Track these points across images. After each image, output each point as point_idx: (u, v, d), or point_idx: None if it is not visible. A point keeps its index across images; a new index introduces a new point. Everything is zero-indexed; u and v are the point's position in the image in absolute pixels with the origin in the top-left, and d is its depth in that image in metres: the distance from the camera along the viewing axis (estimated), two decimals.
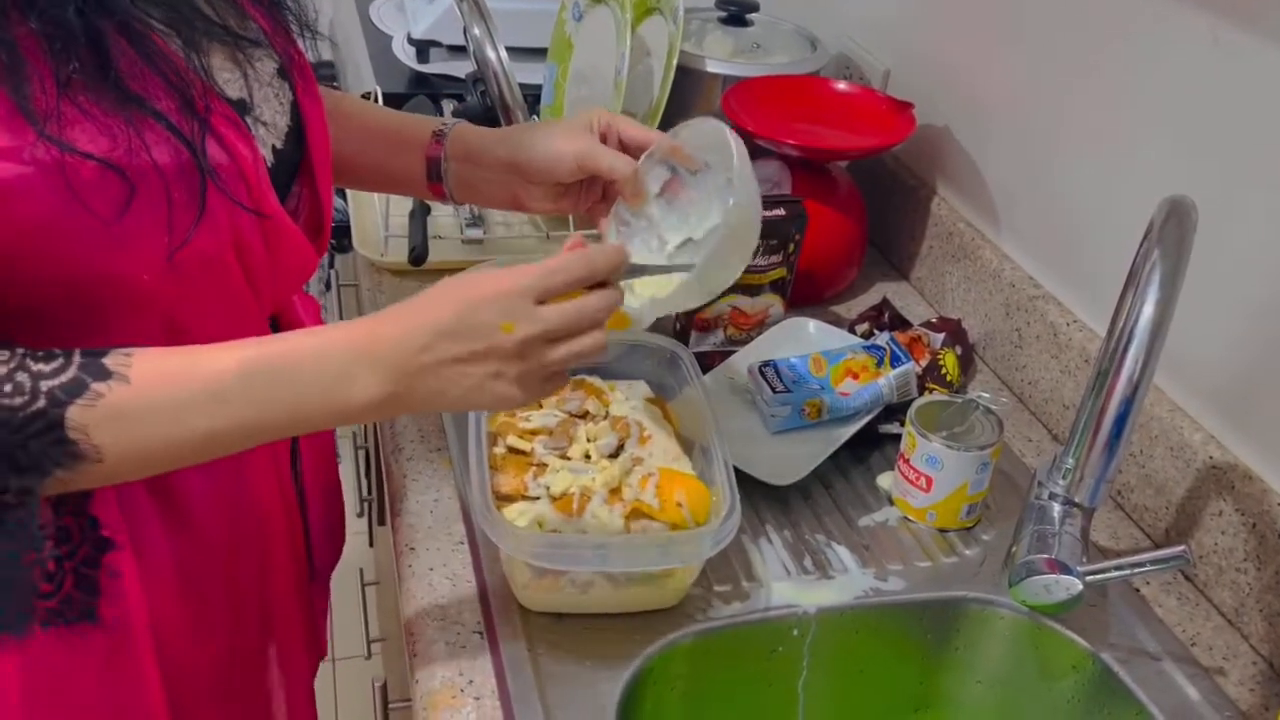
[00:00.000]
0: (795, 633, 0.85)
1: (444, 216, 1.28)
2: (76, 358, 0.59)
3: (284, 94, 0.74)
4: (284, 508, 0.82)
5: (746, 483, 0.91)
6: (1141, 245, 0.71)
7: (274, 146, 0.72)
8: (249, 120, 0.68)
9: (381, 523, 1.30)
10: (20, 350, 0.58)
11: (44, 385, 0.57)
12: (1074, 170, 1.04)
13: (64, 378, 0.58)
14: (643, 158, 0.85)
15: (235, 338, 0.67)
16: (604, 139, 0.86)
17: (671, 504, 0.83)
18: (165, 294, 0.64)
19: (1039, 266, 1.10)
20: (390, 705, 0.99)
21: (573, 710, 0.75)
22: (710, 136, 0.82)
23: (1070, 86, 1.03)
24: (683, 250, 0.85)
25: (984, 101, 1.17)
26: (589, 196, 0.89)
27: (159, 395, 0.60)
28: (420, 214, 1.22)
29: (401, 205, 1.26)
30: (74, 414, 0.58)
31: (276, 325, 0.80)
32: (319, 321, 0.93)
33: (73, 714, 0.71)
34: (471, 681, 0.76)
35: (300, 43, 0.77)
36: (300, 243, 0.73)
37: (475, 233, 1.25)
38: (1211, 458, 0.87)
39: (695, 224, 0.85)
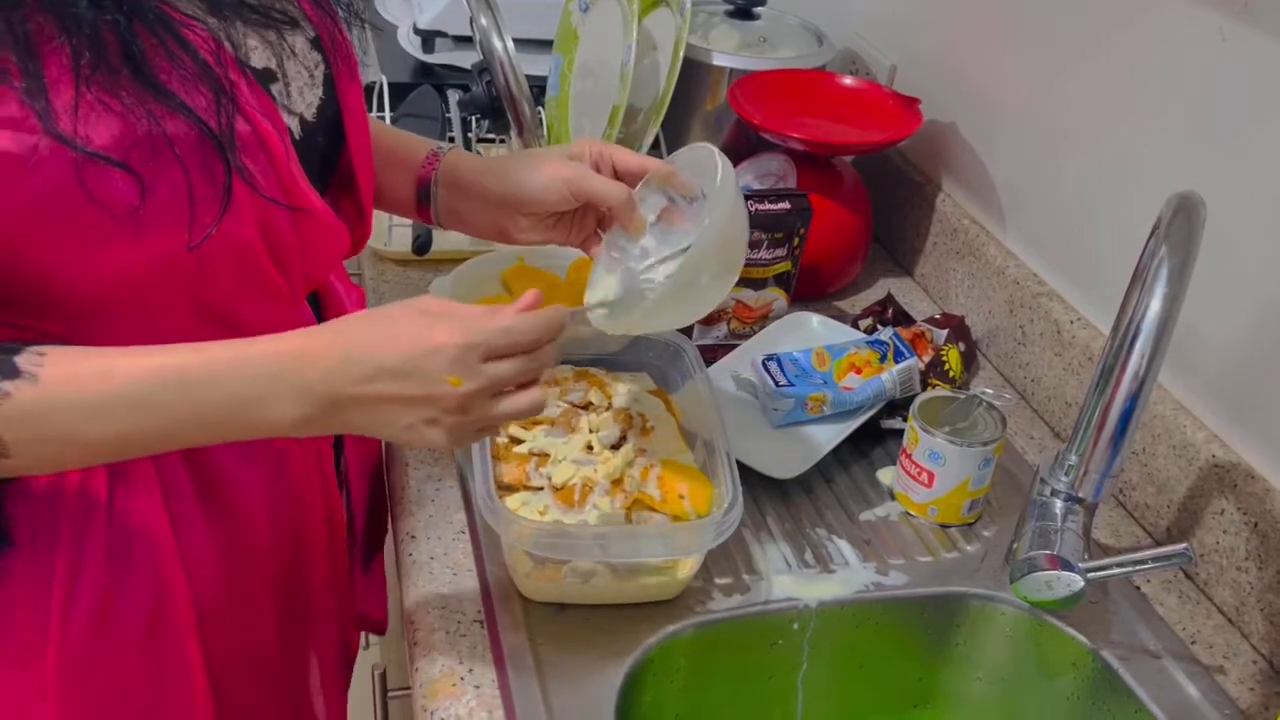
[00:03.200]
0: (795, 626, 0.85)
1: None
2: None
3: (317, 68, 0.73)
4: (324, 497, 0.82)
5: (749, 476, 0.91)
6: (1149, 241, 0.71)
7: (302, 118, 0.71)
8: (274, 91, 0.67)
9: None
10: None
11: None
12: (1080, 168, 1.04)
13: None
14: (639, 185, 0.81)
15: (272, 317, 0.66)
16: (597, 169, 0.81)
17: (674, 496, 0.83)
18: (191, 280, 0.64)
19: (1043, 264, 1.10)
20: (390, 693, 0.99)
21: (572, 700, 0.75)
22: (703, 161, 0.78)
23: (1077, 83, 1.03)
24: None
25: (990, 98, 1.17)
26: (582, 228, 0.84)
27: (66, 398, 0.59)
28: None
29: None
30: None
31: (316, 304, 0.80)
32: (362, 304, 0.92)
33: (110, 687, 0.71)
34: (471, 670, 0.76)
35: (348, 31, 0.76)
36: (331, 223, 0.71)
37: None
38: (1214, 456, 0.87)
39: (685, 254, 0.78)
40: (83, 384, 0.60)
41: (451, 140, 1.34)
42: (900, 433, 0.95)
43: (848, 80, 1.28)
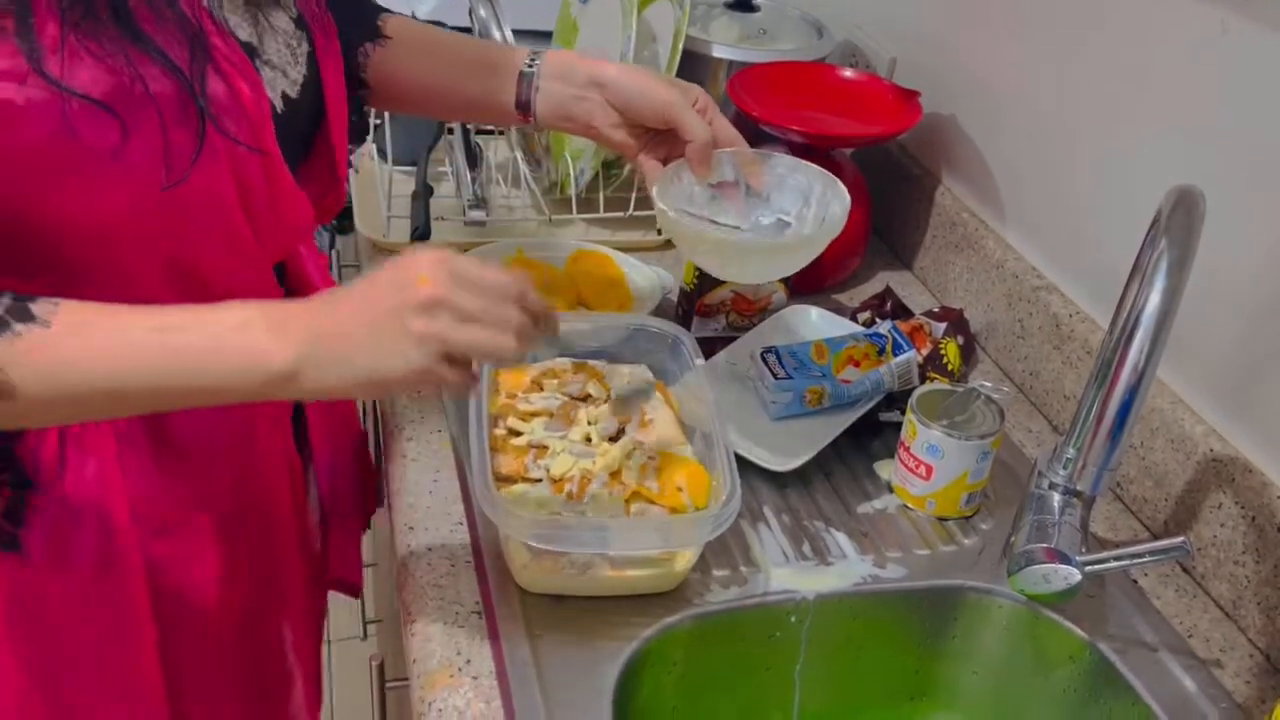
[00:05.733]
0: (793, 618, 0.85)
1: (447, 198, 1.28)
2: (5, 300, 0.60)
3: (300, 46, 0.75)
4: (287, 463, 0.85)
5: (746, 468, 0.91)
6: (1149, 234, 0.71)
7: (284, 94, 0.73)
8: (256, 63, 0.70)
9: (380, 503, 1.30)
10: None
11: None
12: (1079, 161, 1.04)
13: None
14: (722, 151, 0.89)
15: (241, 282, 0.69)
16: (700, 113, 0.88)
17: (671, 488, 0.83)
18: (166, 231, 0.66)
19: (1042, 257, 1.10)
20: (387, 684, 0.99)
21: (570, 691, 0.75)
22: (806, 186, 0.90)
23: (1077, 76, 1.03)
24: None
25: (990, 91, 1.16)
26: (654, 150, 0.91)
27: (72, 345, 0.61)
28: (423, 195, 1.21)
29: (404, 186, 1.26)
30: None
31: (283, 274, 0.83)
32: (327, 278, 0.96)
33: (54, 633, 0.75)
34: (469, 661, 0.76)
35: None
36: (297, 192, 0.74)
37: (478, 214, 1.24)
38: (1212, 450, 0.87)
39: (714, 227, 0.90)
40: (87, 333, 0.62)
41: (451, 132, 1.34)
42: (898, 426, 0.95)
43: (847, 73, 1.28)
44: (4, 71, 0.58)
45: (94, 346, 0.62)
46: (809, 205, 0.91)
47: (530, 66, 0.91)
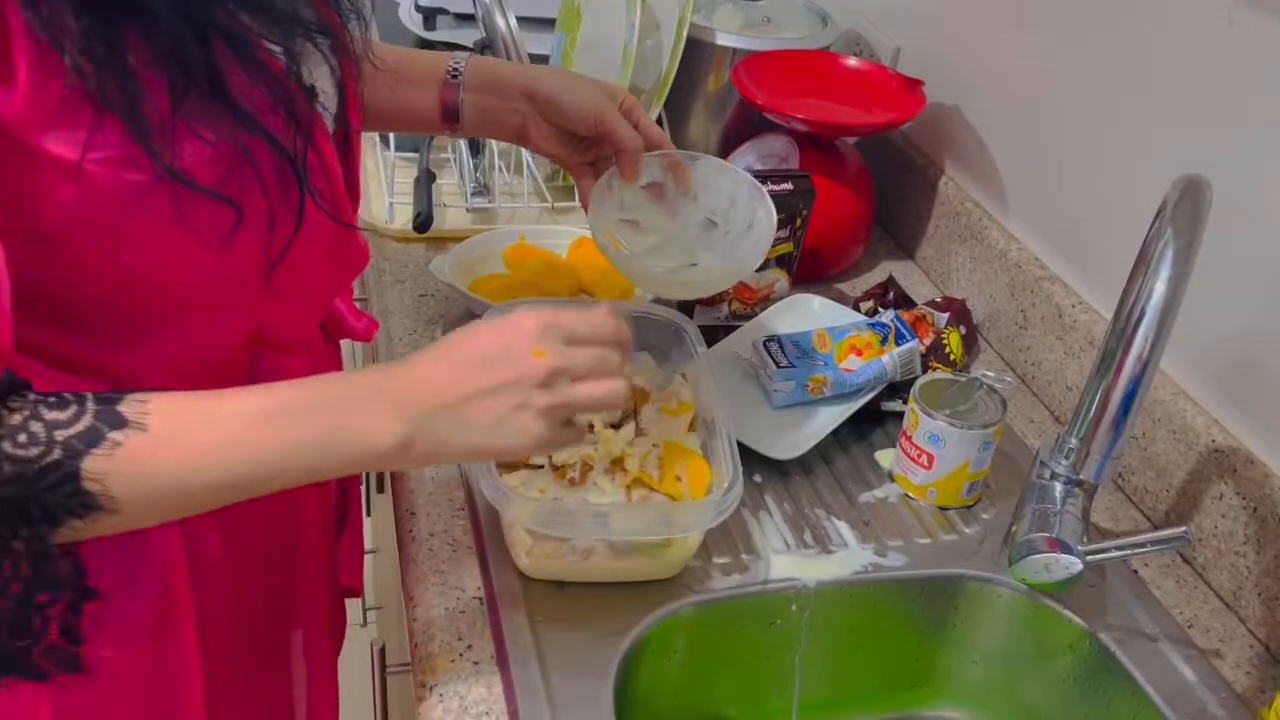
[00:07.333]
0: (794, 606, 0.85)
1: (449, 183, 1.28)
2: (90, 404, 0.56)
3: (335, 72, 0.72)
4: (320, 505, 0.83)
5: (748, 456, 0.91)
6: (1154, 223, 0.71)
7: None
8: (318, 108, 0.68)
9: (380, 490, 1.30)
10: (33, 396, 0.56)
11: (59, 435, 0.55)
12: (1083, 152, 1.04)
13: (79, 426, 0.55)
14: (648, 152, 0.90)
15: (292, 329, 0.67)
16: (626, 116, 0.88)
17: (671, 478, 0.83)
18: (250, 302, 0.65)
19: (1046, 248, 1.10)
20: (388, 670, 0.99)
21: (571, 677, 0.75)
22: (730, 186, 0.93)
23: (1082, 66, 1.03)
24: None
25: (994, 81, 1.16)
26: (583, 156, 0.93)
27: (177, 444, 0.58)
28: (425, 181, 1.21)
29: (406, 172, 1.26)
30: (90, 465, 0.55)
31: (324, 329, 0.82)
32: (353, 308, 0.92)
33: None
34: (471, 646, 0.77)
35: (354, 30, 0.75)
36: (359, 238, 0.74)
37: (480, 202, 1.24)
38: (1214, 441, 0.87)
39: (647, 230, 0.94)
40: (191, 430, 0.58)
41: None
42: (900, 415, 0.95)
43: (852, 62, 1.28)
44: (121, 159, 0.55)
45: (197, 445, 0.58)
46: (735, 206, 0.93)
47: (455, 77, 0.90)
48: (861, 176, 1.23)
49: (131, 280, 0.59)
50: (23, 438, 0.54)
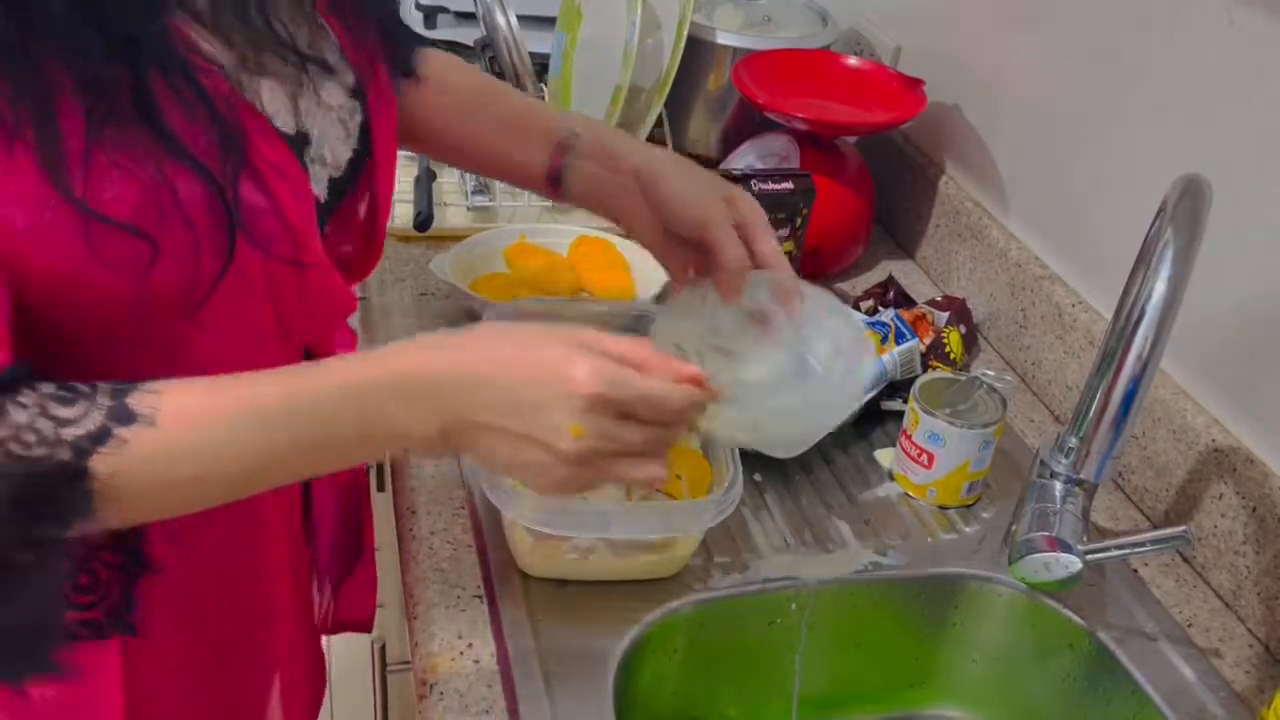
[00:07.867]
0: (793, 605, 0.85)
1: (450, 182, 1.28)
2: (100, 400, 0.54)
3: (354, 119, 0.69)
4: (286, 517, 0.79)
5: (748, 455, 0.91)
6: (1154, 222, 0.71)
7: (330, 178, 0.67)
8: (306, 157, 0.64)
9: (380, 489, 1.30)
10: (42, 391, 0.54)
11: (67, 434, 0.53)
12: (1084, 151, 1.04)
13: (88, 425, 0.54)
14: (756, 273, 0.77)
15: (260, 366, 0.60)
16: (737, 227, 0.76)
17: (670, 477, 0.83)
18: (191, 336, 0.61)
19: (1046, 247, 1.10)
20: (388, 667, 0.99)
21: (572, 676, 0.75)
22: (836, 329, 0.77)
23: (1082, 66, 1.03)
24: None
25: (995, 80, 1.16)
26: (681, 258, 0.81)
27: (188, 438, 0.56)
28: (426, 180, 1.21)
29: (407, 171, 1.26)
30: (99, 463, 0.54)
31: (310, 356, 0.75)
32: (352, 348, 0.88)
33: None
34: (471, 645, 0.77)
35: (394, 66, 0.72)
36: (338, 286, 0.67)
37: (481, 200, 1.24)
38: (1214, 440, 0.87)
39: (741, 362, 0.75)
40: (203, 423, 0.56)
41: None
42: (900, 414, 0.95)
43: (852, 61, 1.28)
44: (25, 196, 0.52)
45: (210, 441, 0.56)
46: (840, 355, 0.77)
47: (571, 141, 0.83)
48: (861, 176, 1.23)
49: (53, 308, 0.56)
50: (30, 437, 0.53)
